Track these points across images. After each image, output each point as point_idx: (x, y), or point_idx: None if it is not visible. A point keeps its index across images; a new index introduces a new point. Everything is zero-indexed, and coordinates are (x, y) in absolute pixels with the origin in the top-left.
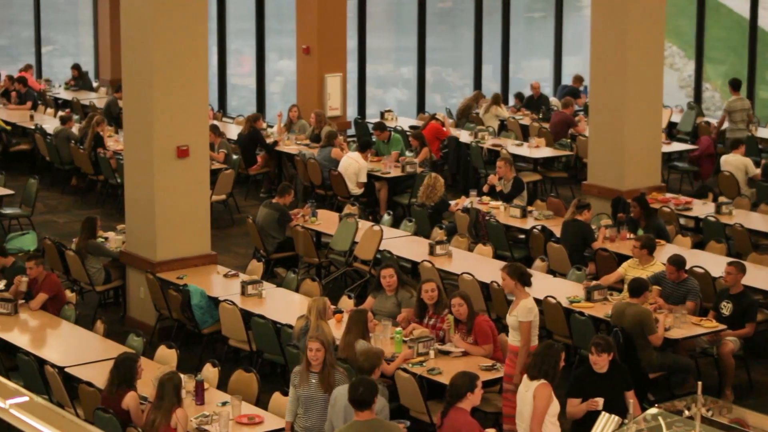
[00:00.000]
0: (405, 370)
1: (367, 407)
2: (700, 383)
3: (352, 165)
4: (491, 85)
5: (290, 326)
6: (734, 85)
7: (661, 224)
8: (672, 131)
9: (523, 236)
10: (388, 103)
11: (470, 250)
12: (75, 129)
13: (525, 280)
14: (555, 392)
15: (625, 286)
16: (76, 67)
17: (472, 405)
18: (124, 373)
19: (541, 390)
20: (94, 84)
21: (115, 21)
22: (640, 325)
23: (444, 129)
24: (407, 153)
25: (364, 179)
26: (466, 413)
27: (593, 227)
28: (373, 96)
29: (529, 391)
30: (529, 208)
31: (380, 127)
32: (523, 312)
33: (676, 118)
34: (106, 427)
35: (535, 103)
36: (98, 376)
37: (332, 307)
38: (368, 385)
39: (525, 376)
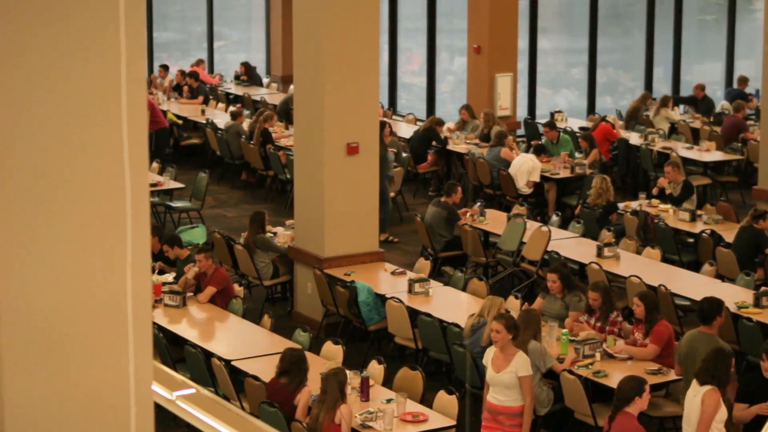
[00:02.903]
0: (571, 372)
1: (708, 323)
2: None
3: (527, 163)
4: (662, 87)
5: (456, 325)
6: None
7: None
8: None
9: (691, 240)
10: (558, 104)
11: (638, 252)
12: (245, 124)
13: (517, 334)
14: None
15: None
16: (244, 64)
17: (639, 410)
18: (302, 369)
19: (709, 395)
20: (265, 80)
21: (287, 17)
22: None
23: (614, 131)
24: (576, 154)
25: (537, 178)
26: (634, 418)
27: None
28: (542, 96)
29: (697, 396)
30: (699, 212)
31: (551, 125)
32: (524, 366)
33: None
34: (270, 420)
35: (704, 105)
36: (264, 370)
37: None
38: (711, 303)
39: (694, 381)
